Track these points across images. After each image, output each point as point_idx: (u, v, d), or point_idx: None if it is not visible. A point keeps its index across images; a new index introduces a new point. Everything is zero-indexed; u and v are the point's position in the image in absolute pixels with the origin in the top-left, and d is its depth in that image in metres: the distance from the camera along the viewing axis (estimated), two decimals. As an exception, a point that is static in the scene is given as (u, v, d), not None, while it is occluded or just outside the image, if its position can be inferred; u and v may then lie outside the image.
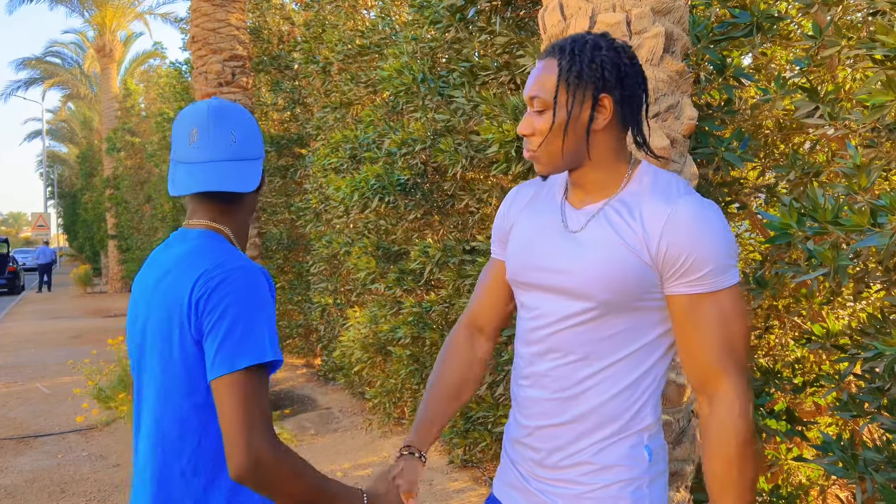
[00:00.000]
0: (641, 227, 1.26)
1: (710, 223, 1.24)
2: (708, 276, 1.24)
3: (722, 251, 1.24)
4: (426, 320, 4.32)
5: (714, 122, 2.50)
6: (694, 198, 1.27)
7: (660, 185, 1.30)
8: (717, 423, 1.26)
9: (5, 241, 23.72)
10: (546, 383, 1.35)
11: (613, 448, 1.31)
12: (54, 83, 28.76)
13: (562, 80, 1.27)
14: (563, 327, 1.32)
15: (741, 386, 1.26)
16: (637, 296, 1.27)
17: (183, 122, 1.36)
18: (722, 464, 1.25)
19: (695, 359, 1.27)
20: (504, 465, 1.50)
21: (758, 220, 3.08)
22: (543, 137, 1.30)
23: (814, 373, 2.86)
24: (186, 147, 1.34)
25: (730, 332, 1.25)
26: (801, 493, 2.43)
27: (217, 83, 6.47)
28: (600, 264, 1.27)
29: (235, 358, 1.18)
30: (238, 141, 1.35)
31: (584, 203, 1.35)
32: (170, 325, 1.26)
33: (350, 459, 5.00)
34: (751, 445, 1.25)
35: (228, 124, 1.35)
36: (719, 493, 1.26)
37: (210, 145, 1.33)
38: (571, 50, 1.28)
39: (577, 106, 1.27)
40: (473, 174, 4.17)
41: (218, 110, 1.36)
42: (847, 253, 1.88)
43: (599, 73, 1.27)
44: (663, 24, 2.00)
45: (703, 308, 1.25)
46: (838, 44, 2.30)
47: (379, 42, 5.27)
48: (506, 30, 3.49)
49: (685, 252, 1.23)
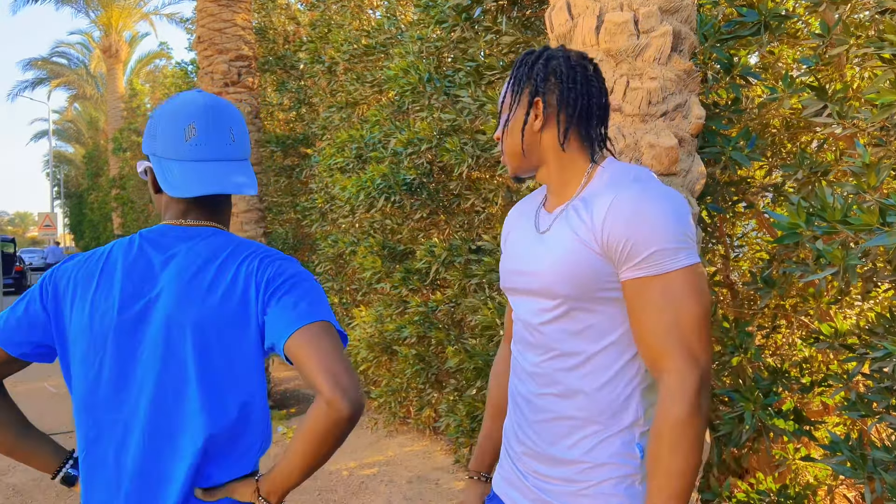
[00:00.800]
0: (590, 219, 1.31)
1: (651, 206, 1.26)
2: (651, 258, 1.25)
3: (667, 233, 1.25)
4: (432, 320, 4.32)
5: (721, 121, 2.50)
6: (642, 184, 1.30)
7: (615, 178, 1.35)
8: (658, 403, 1.26)
9: (12, 240, 23.82)
10: (534, 380, 1.41)
11: (605, 445, 1.34)
12: (60, 83, 28.87)
13: (507, 87, 1.43)
14: (538, 324, 1.38)
15: (686, 367, 1.24)
16: (597, 287, 1.31)
17: (177, 116, 1.29)
18: (654, 442, 1.25)
19: (644, 342, 1.28)
20: (502, 460, 1.54)
21: (765, 219, 3.07)
22: (499, 140, 1.44)
23: (822, 372, 2.85)
24: (182, 143, 1.28)
25: (677, 313, 1.25)
26: (809, 492, 2.42)
27: (223, 83, 6.49)
28: (559, 261, 1.33)
29: (318, 313, 1.19)
30: (236, 139, 1.32)
31: (553, 206, 1.43)
32: (221, 316, 1.22)
33: (355, 458, 5.00)
34: (687, 429, 1.22)
35: (227, 121, 1.32)
36: (650, 474, 1.25)
37: (213, 143, 1.29)
38: (520, 61, 1.42)
39: (515, 108, 1.40)
40: (479, 174, 4.17)
41: (216, 106, 1.31)
42: (856, 252, 1.87)
43: (535, 78, 1.39)
44: (671, 22, 2.00)
45: (649, 291, 1.26)
46: (846, 42, 2.29)
47: (384, 42, 5.27)
48: (512, 29, 3.49)
49: (624, 236, 1.26)
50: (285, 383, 7.73)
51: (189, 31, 11.73)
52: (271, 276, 1.24)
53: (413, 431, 5.50)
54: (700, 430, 1.24)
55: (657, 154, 1.93)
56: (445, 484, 4.44)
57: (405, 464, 4.82)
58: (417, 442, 5.28)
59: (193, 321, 1.22)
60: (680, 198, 1.30)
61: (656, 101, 1.96)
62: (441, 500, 4.19)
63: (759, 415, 2.29)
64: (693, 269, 1.27)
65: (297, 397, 7.07)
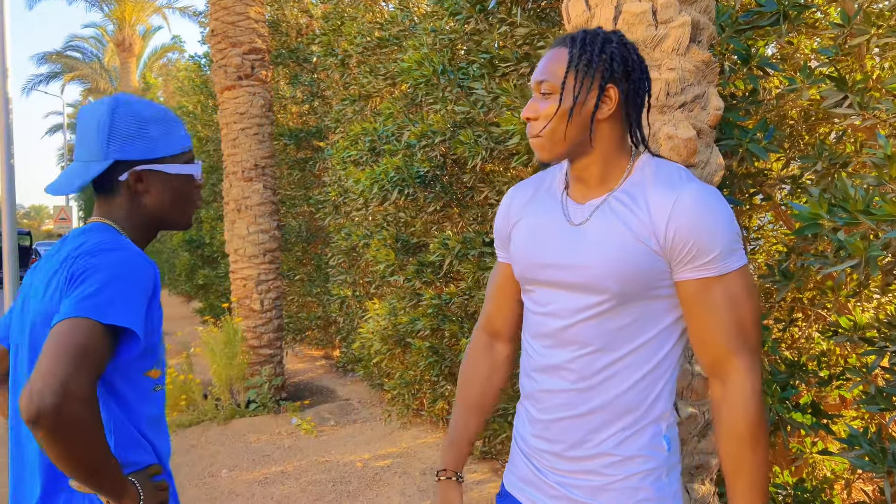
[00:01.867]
0: (648, 216, 1.28)
1: (715, 208, 1.26)
2: (715, 259, 1.26)
3: (727, 235, 1.26)
4: (445, 312, 4.32)
5: (739, 112, 2.47)
6: (697, 184, 1.29)
7: (662, 175, 1.32)
8: (728, 403, 1.28)
9: (28, 233, 24.03)
10: (565, 374, 1.35)
11: (634, 439, 1.32)
12: (74, 77, 29.05)
13: (571, 66, 1.30)
14: (577, 320, 1.33)
15: (752, 366, 1.27)
16: (649, 284, 1.29)
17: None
18: (734, 444, 1.27)
19: (705, 343, 1.29)
20: (515, 459, 1.49)
21: (782, 211, 3.05)
22: (548, 121, 1.32)
23: (840, 366, 2.83)
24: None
25: (739, 313, 1.27)
26: (826, 486, 2.41)
27: (236, 76, 6.50)
28: (611, 256, 1.28)
29: (74, 310, 1.18)
30: (81, 140, 1.42)
31: (586, 197, 1.37)
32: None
33: (369, 450, 5.02)
34: (762, 425, 1.27)
35: (82, 122, 1.43)
36: (733, 474, 1.28)
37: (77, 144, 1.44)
38: (583, 39, 1.32)
39: (584, 93, 1.30)
40: (493, 166, 4.16)
41: (85, 108, 1.44)
42: (878, 244, 1.85)
43: (608, 63, 1.31)
44: (689, 13, 1.98)
45: (712, 292, 1.27)
46: (867, 32, 2.26)
47: (398, 34, 5.26)
48: (526, 21, 3.47)
49: (692, 237, 1.25)
50: (299, 375, 7.77)
51: (202, 25, 11.75)
52: (75, 271, 1.26)
53: (426, 423, 5.51)
54: (768, 423, 1.28)
55: (675, 146, 1.92)
56: (459, 476, 4.45)
57: (419, 455, 4.84)
58: (431, 434, 5.30)
59: (32, 317, 1.34)
60: (724, 197, 1.31)
61: (675, 92, 1.94)
62: (455, 492, 4.19)
63: (777, 408, 2.27)
64: (747, 269, 1.30)
65: (311, 389, 7.10)
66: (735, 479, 1.28)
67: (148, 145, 1.38)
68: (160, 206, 1.43)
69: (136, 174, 1.39)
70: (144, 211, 1.42)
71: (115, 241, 1.32)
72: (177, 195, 1.44)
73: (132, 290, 1.24)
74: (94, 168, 1.36)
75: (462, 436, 1.59)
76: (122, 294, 1.22)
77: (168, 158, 1.42)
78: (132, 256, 1.29)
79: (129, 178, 1.38)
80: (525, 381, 1.45)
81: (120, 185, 1.40)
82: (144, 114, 1.39)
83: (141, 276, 1.27)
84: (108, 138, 1.36)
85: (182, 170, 1.44)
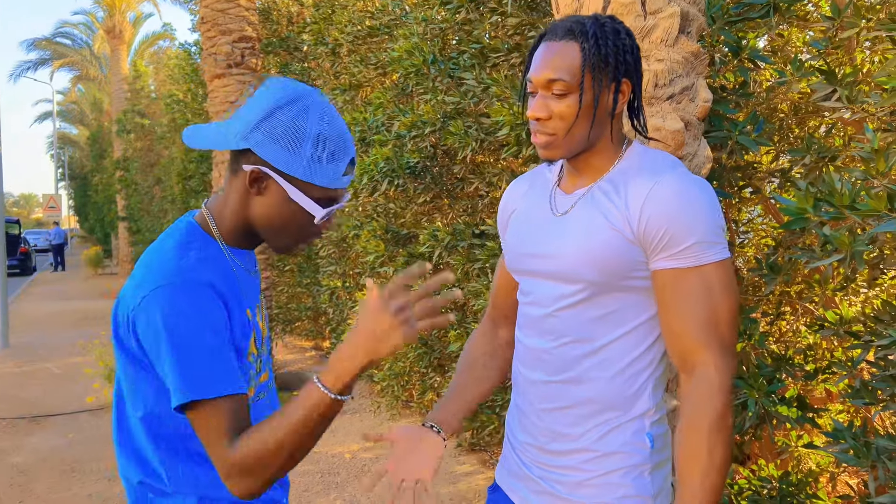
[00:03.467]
0: (625, 204, 1.26)
1: (693, 197, 1.23)
2: (691, 249, 1.23)
3: (706, 226, 1.23)
4: (435, 304, 4.30)
5: (728, 104, 2.46)
6: (679, 173, 1.26)
7: (647, 163, 1.30)
8: (692, 397, 1.23)
9: (16, 221, 23.87)
10: (544, 367, 1.35)
11: (615, 435, 1.31)
12: (64, 64, 28.78)
13: (587, 63, 1.25)
14: (555, 309, 1.32)
15: (723, 363, 1.23)
16: (624, 274, 1.27)
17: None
18: (692, 438, 1.21)
19: (675, 333, 1.25)
20: (506, 452, 1.49)
21: (771, 204, 3.04)
22: (568, 122, 1.27)
23: (826, 359, 2.84)
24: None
25: (713, 307, 1.23)
26: (811, 480, 2.42)
27: (226, 64, 6.45)
28: (584, 245, 1.27)
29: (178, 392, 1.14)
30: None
31: (574, 187, 1.36)
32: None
33: (359, 441, 5.02)
34: (725, 423, 1.21)
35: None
36: (685, 469, 1.22)
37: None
38: (594, 34, 1.26)
39: (605, 90, 1.27)
40: (483, 157, 4.14)
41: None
42: (863, 238, 1.85)
43: (622, 58, 1.27)
44: (679, 3, 1.96)
45: (686, 282, 1.23)
46: (857, 25, 2.25)
47: (389, 23, 5.22)
48: (517, 11, 3.45)
49: (665, 224, 1.22)
50: (288, 366, 7.75)
51: (192, 12, 11.64)
52: (133, 317, 1.18)
53: (415, 415, 5.51)
54: (732, 423, 1.23)
55: (663, 137, 1.90)
56: (447, 467, 4.45)
57: (407, 447, 4.83)
58: (419, 425, 5.30)
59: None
60: (712, 189, 1.28)
61: (663, 83, 1.93)
62: (443, 483, 4.20)
63: (763, 402, 2.27)
64: (727, 264, 1.25)
65: (301, 379, 7.09)
66: (686, 474, 1.21)
67: (290, 158, 1.19)
68: (265, 220, 1.25)
69: (258, 173, 1.21)
70: (250, 213, 1.26)
71: (169, 266, 1.18)
72: (287, 221, 1.24)
73: (200, 344, 1.14)
74: (229, 142, 1.21)
75: (455, 394, 1.49)
76: (196, 358, 1.14)
77: (304, 183, 1.21)
78: (182, 296, 1.15)
79: (250, 172, 1.21)
80: (514, 373, 1.46)
81: (241, 174, 1.24)
82: (312, 128, 1.19)
83: (198, 316, 1.15)
84: (258, 123, 1.19)
85: (305, 202, 1.22)
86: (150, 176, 17.48)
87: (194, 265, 1.19)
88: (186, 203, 11.46)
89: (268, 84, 1.25)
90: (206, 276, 1.19)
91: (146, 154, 18.01)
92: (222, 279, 1.22)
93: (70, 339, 9.97)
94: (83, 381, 7.21)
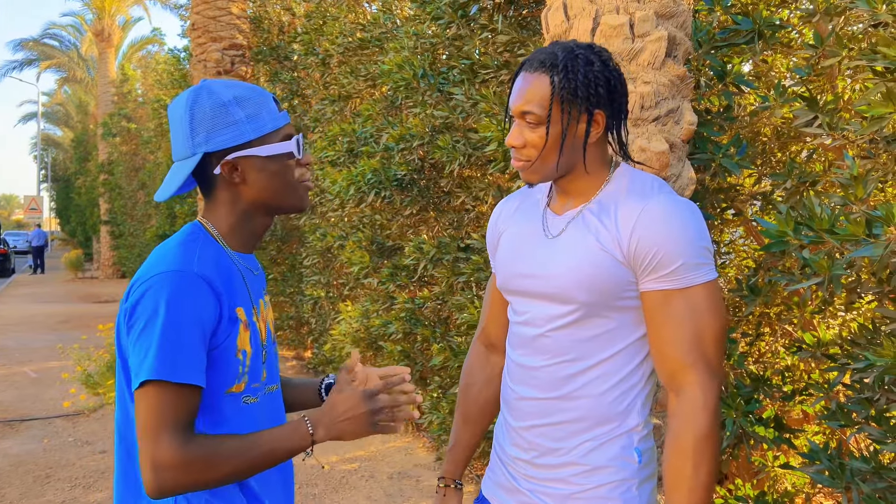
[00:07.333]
0: (615, 226, 1.29)
1: (681, 219, 1.26)
2: (678, 271, 1.25)
3: (693, 248, 1.26)
4: (418, 316, 4.31)
5: (713, 127, 2.50)
6: (668, 196, 1.29)
7: (636, 186, 1.33)
8: (678, 416, 1.26)
9: (-4, 223, 23.55)
10: (537, 384, 1.37)
11: (603, 449, 1.33)
12: (50, 65, 28.60)
13: (555, 96, 1.28)
14: (549, 329, 1.35)
15: (709, 382, 1.26)
16: (616, 295, 1.29)
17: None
18: (678, 457, 1.25)
19: (663, 354, 1.28)
20: (493, 464, 1.52)
21: (752, 227, 3.09)
22: (539, 151, 1.31)
23: (803, 381, 2.87)
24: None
25: (699, 328, 1.26)
26: (787, 500, 2.44)
27: (216, 71, 6.45)
28: (576, 267, 1.30)
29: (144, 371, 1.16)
30: (176, 136, 1.34)
31: (564, 208, 1.38)
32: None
33: (337, 453, 4.99)
34: (710, 445, 1.24)
35: (173, 117, 1.34)
36: (672, 487, 1.25)
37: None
38: (564, 66, 1.28)
39: (574, 122, 1.29)
40: (470, 172, 4.17)
41: (172, 103, 1.34)
42: (841, 262, 1.88)
43: (593, 89, 1.28)
44: (666, 27, 2.00)
45: (673, 303, 1.26)
46: (839, 54, 2.30)
47: (380, 36, 5.25)
48: (507, 28, 3.49)
49: (654, 247, 1.25)
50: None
51: (183, 18, 11.64)
52: (131, 306, 1.20)
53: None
54: (719, 443, 1.26)
55: (648, 158, 1.93)
56: (427, 480, 4.44)
57: (387, 460, 4.82)
58: (399, 438, 5.28)
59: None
60: (700, 211, 1.31)
61: (649, 105, 1.96)
62: (422, 497, 4.18)
63: (741, 422, 2.30)
64: (714, 285, 1.28)
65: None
66: (671, 493, 1.25)
67: (234, 131, 1.25)
68: (263, 193, 1.29)
69: (229, 164, 1.26)
70: (248, 200, 1.30)
71: (170, 257, 1.21)
72: (278, 178, 1.29)
73: (185, 332, 1.16)
74: (186, 166, 1.26)
75: (460, 444, 1.61)
76: (178, 343, 1.15)
77: (259, 140, 1.27)
78: (177, 286, 1.18)
79: (222, 170, 1.26)
80: (504, 390, 1.48)
81: (217, 180, 1.28)
82: (224, 97, 1.25)
83: (191, 307, 1.18)
84: (191, 131, 1.25)
85: (277, 149, 1.28)
86: (134, 180, 17.36)
87: (194, 259, 1.22)
88: (171, 208, 11.39)
89: (168, 114, 1.32)
90: (204, 270, 1.21)
91: (131, 158, 17.90)
92: (220, 276, 1.24)
93: (48, 342, 9.84)
94: (60, 386, 7.11)
